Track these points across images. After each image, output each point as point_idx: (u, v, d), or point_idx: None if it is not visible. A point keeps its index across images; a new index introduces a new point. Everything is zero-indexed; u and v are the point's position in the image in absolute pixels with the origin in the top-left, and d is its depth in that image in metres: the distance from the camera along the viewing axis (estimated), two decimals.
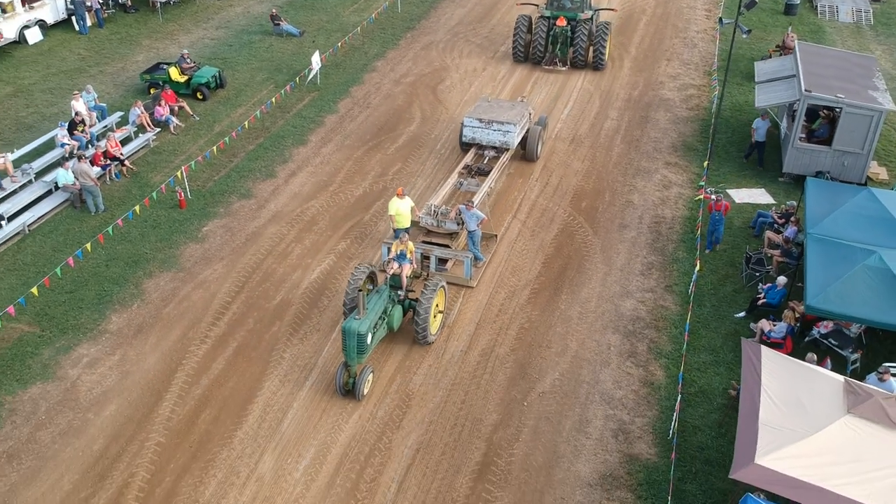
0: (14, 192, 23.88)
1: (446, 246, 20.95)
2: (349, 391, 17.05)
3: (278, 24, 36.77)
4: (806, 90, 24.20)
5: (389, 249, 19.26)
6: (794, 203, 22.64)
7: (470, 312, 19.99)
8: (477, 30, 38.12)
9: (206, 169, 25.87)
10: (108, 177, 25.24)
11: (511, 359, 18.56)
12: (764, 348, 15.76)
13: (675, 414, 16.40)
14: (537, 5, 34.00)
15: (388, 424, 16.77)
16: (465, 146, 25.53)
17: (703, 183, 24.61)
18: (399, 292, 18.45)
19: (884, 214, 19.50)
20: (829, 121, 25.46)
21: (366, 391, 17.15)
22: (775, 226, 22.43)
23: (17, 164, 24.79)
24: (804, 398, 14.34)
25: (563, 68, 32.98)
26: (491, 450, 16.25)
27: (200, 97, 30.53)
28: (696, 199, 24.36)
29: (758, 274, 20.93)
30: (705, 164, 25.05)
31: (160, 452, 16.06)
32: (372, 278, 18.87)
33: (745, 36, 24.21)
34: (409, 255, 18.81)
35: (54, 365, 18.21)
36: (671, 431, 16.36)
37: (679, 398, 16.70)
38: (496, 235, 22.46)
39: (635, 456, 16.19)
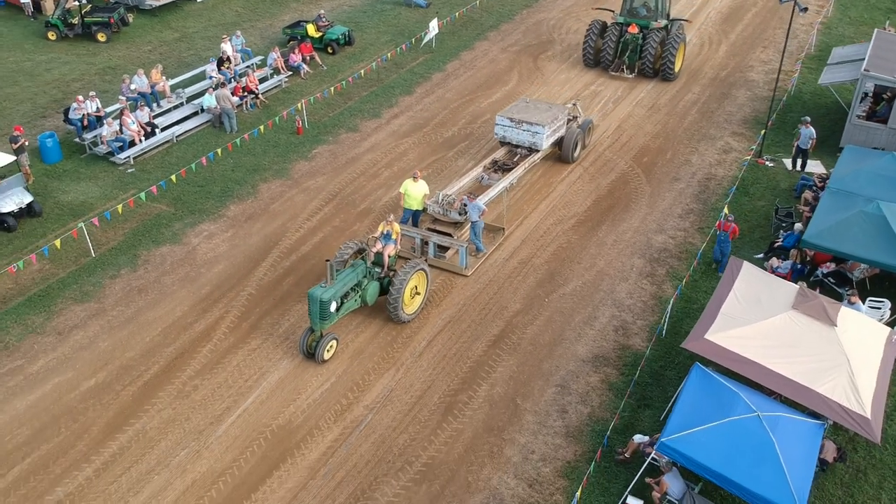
0: (169, 110, 29.29)
1: (448, 234, 21.68)
2: (311, 354, 18.23)
3: None
4: (865, 70, 25.95)
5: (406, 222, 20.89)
6: None
7: (519, 232, 23.38)
8: (590, 11, 40.96)
9: (323, 106, 30.42)
10: (244, 106, 30.22)
11: (544, 268, 21.86)
12: (746, 263, 18.38)
13: (668, 310, 19.27)
14: (613, 11, 34.07)
15: (428, 303, 20.46)
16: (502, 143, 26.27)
17: (754, 147, 26.80)
18: (377, 269, 19.41)
19: None
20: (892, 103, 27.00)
21: (326, 356, 18.18)
22: (814, 188, 24.48)
23: (173, 89, 30.17)
24: (763, 298, 16.95)
25: (630, 76, 32.72)
26: (508, 328, 19.69)
27: (330, 51, 35.21)
28: (745, 159, 26.64)
29: (784, 224, 23.17)
30: (762, 132, 27.21)
31: (250, 300, 20.49)
32: (361, 253, 19.59)
33: (801, 13, 26.11)
34: (394, 236, 19.60)
35: (181, 234, 23.07)
36: (663, 329, 19.23)
37: (672, 301, 19.55)
38: (504, 229, 23.09)
39: (628, 346, 19.20)
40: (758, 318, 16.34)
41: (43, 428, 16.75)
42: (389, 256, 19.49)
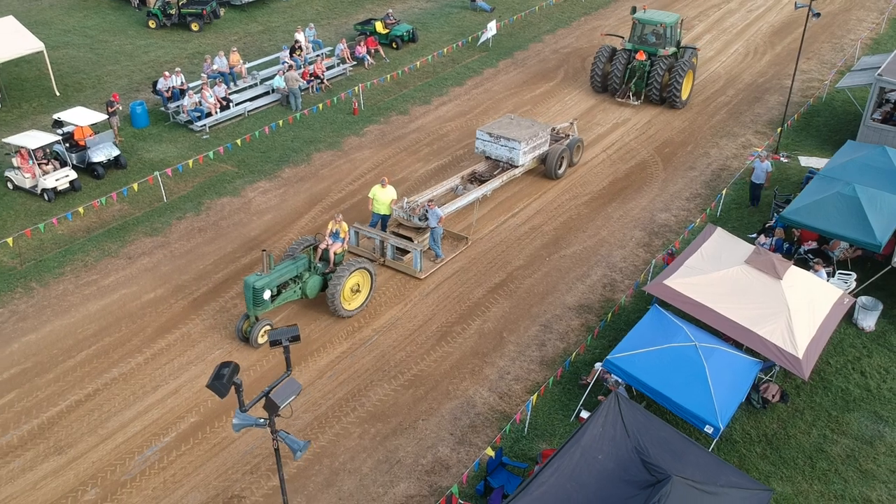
0: (244, 89, 33.12)
1: (408, 238, 22.67)
2: (246, 339, 19.45)
3: (474, 0, 44.22)
4: (878, 75, 27.56)
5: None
6: None
7: (535, 204, 25.99)
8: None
9: (379, 92, 33.75)
10: (310, 90, 33.79)
11: (551, 234, 24.43)
12: (719, 229, 20.55)
13: (650, 268, 21.56)
14: (623, 37, 34.24)
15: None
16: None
17: (767, 142, 28.65)
18: (319, 265, 20.31)
19: (887, 167, 23.01)
20: None
21: (261, 341, 19.25)
22: None
23: (249, 71, 34.01)
24: (723, 255, 19.14)
25: (636, 103, 32.60)
26: (508, 278, 22.35)
27: (395, 47, 38.59)
28: (755, 150, 28.56)
29: (781, 209, 25.05)
30: (779, 129, 29.04)
31: (291, 243, 23.74)
32: (313, 248, 20.59)
33: (814, 18, 27.83)
34: (342, 235, 20.61)
35: (240, 189, 26.61)
36: (645, 284, 21.52)
37: (654, 261, 21.85)
38: (467, 238, 23.75)
39: (612, 299, 21.58)
40: (713, 270, 18.56)
41: (108, 325, 20.35)
42: (335, 254, 20.34)
